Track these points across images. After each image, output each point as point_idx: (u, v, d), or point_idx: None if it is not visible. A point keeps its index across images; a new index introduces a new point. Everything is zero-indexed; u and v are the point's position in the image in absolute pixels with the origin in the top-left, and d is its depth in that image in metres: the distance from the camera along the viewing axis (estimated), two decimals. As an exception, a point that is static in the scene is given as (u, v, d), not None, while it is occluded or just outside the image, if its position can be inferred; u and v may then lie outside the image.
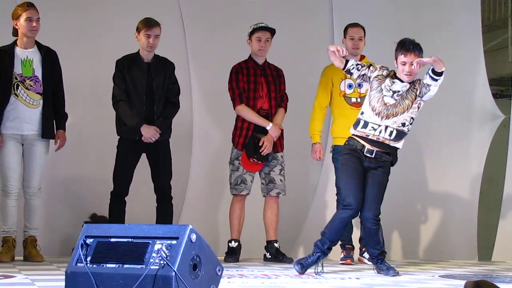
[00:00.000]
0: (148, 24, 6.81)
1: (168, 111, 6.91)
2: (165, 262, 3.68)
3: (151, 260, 3.73)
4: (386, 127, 5.86)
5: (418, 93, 5.88)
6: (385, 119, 5.86)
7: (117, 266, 3.80)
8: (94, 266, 3.84)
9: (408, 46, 5.84)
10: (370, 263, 7.10)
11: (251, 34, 7.15)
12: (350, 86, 7.13)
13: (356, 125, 5.96)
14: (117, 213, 6.78)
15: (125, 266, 3.78)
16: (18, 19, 6.62)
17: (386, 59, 6.09)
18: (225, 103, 7.28)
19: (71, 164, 7.60)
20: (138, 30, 6.85)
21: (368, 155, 5.90)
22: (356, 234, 7.33)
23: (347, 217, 5.96)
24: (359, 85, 7.06)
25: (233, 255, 7.03)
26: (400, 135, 5.91)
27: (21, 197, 6.69)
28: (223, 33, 8.06)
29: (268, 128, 7.05)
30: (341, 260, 7.18)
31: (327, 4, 8.33)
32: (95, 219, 7.39)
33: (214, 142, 8.01)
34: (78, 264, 3.87)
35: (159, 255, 3.72)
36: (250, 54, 7.22)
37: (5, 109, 6.55)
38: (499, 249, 8.41)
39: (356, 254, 7.33)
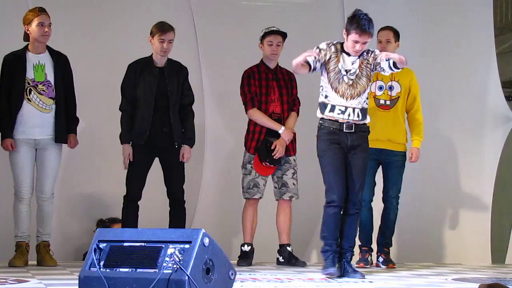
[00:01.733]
0: (162, 28, 6.78)
1: (189, 124, 6.89)
2: (178, 266, 3.68)
3: (164, 264, 3.74)
4: (354, 109, 5.85)
5: (372, 67, 5.84)
6: (350, 99, 5.84)
7: (130, 270, 3.81)
8: (107, 270, 3.84)
9: (363, 27, 5.74)
10: (384, 266, 7.09)
11: (262, 38, 7.13)
12: (380, 88, 7.11)
13: (323, 109, 5.92)
14: (130, 217, 6.76)
15: (138, 270, 3.79)
16: (29, 24, 6.61)
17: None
18: (237, 107, 7.27)
19: (84, 168, 7.61)
20: (152, 34, 6.82)
21: (348, 130, 5.88)
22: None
23: (337, 212, 5.89)
24: (390, 88, 7.06)
25: (246, 259, 7.02)
26: (364, 112, 5.93)
27: (33, 202, 6.69)
28: (235, 37, 8.06)
29: (280, 131, 7.04)
30: (355, 263, 7.15)
31: (339, 4, 8.31)
32: (103, 224, 7.43)
33: (227, 146, 8.01)
34: (92, 269, 3.88)
35: (172, 259, 3.73)
36: (262, 58, 7.21)
37: (18, 114, 6.57)
38: (512, 252, 8.41)
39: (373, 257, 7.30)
